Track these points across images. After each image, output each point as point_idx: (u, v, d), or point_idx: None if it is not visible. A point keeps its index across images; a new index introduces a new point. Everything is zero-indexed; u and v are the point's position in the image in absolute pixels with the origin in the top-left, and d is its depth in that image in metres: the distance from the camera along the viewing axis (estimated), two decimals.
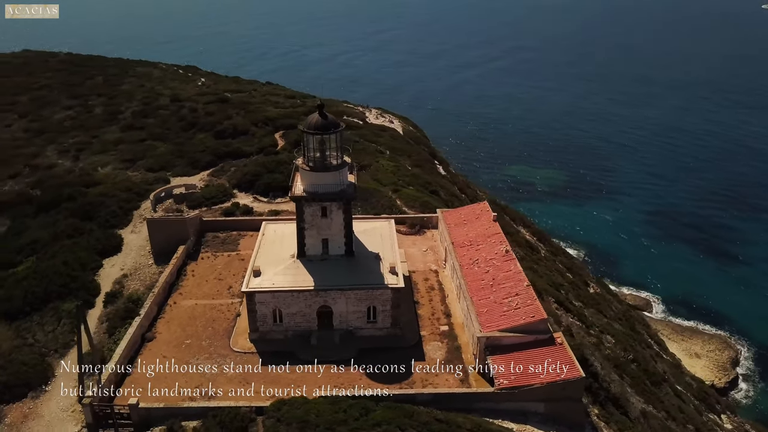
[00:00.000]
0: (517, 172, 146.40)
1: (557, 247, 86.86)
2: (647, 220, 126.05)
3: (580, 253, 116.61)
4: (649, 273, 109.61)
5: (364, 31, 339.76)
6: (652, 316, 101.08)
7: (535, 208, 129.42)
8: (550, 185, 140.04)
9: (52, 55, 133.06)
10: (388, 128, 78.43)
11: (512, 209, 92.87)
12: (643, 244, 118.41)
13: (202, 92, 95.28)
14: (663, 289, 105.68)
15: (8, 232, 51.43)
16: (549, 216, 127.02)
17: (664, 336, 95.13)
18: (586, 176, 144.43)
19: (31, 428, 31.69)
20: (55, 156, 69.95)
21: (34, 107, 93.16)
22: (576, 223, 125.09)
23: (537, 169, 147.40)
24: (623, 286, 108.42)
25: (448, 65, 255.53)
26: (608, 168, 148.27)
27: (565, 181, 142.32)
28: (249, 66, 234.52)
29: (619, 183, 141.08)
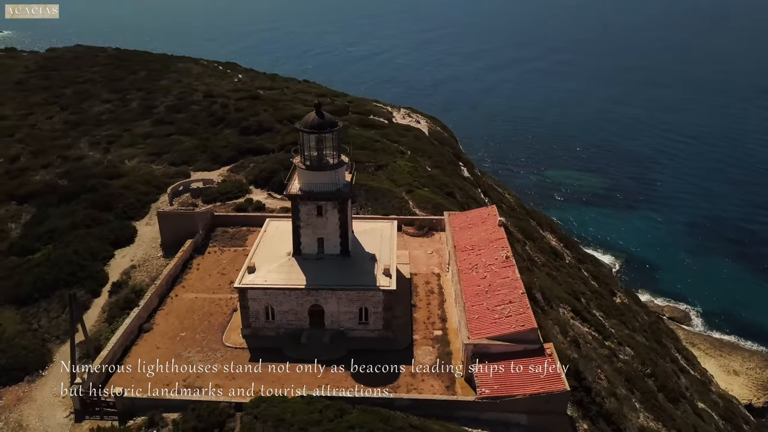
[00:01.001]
0: (554, 176, 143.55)
1: (585, 255, 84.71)
2: (689, 231, 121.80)
3: (617, 261, 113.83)
4: (688, 285, 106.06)
5: (408, 29, 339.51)
6: (690, 329, 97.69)
7: (570, 214, 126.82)
8: (587, 191, 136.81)
9: (102, 50, 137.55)
10: (414, 128, 77.94)
11: (540, 214, 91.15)
12: (683, 254, 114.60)
13: (236, 89, 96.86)
14: (703, 302, 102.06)
15: (32, 220, 53.40)
16: (585, 223, 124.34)
17: (701, 350, 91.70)
18: (625, 183, 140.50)
19: (22, 411, 32.76)
20: (87, 148, 72.27)
21: (77, 100, 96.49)
22: (613, 231, 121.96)
23: (574, 174, 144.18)
24: (660, 297, 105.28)
25: (486, 65, 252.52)
26: (649, 175, 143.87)
27: (604, 188, 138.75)
28: (291, 63, 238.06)
29: (660, 191, 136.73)
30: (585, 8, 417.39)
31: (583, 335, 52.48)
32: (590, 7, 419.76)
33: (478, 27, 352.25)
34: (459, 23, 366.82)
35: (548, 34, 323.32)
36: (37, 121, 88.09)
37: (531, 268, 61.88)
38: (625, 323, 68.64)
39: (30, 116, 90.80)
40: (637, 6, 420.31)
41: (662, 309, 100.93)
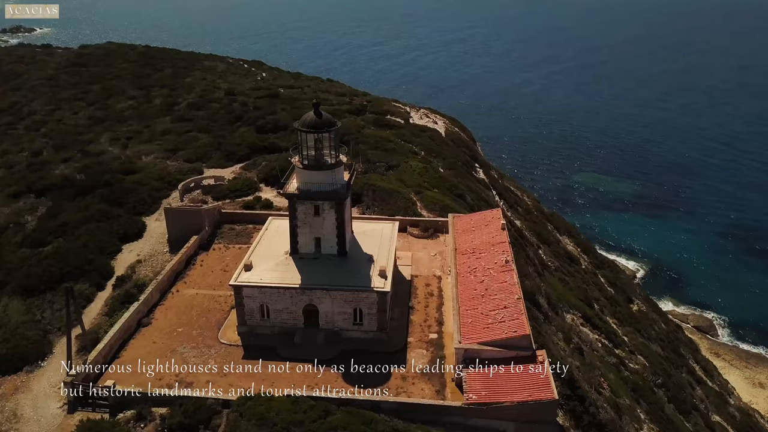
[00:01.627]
0: (580, 180, 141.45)
1: (603, 261, 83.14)
2: (718, 239, 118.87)
3: (642, 268, 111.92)
4: (716, 294, 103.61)
5: (440, 28, 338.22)
6: (715, 339, 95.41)
7: (595, 219, 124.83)
8: (614, 196, 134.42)
9: (132, 48, 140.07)
10: (430, 129, 77.49)
11: (559, 218, 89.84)
12: (711, 263, 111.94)
13: (257, 87, 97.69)
14: (730, 312, 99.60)
15: (46, 213, 54.62)
16: (610, 228, 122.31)
17: (725, 361, 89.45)
18: (653, 189, 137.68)
19: (18, 401, 33.47)
20: (107, 143, 73.70)
21: (103, 96, 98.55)
22: (640, 237, 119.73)
23: (601, 178, 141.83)
24: (685, 305, 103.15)
25: (514, 65, 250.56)
26: (679, 181, 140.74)
27: (631, 193, 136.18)
28: (318, 61, 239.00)
29: (689, 197, 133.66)
30: (615, 9, 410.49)
31: (590, 342, 51.56)
32: (620, 9, 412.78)
33: (508, 27, 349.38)
34: (488, 23, 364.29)
35: (578, 35, 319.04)
36: (64, 116, 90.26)
37: (542, 272, 61.05)
38: (640, 331, 67.26)
39: (57, 111, 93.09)
40: (669, 7, 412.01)
41: (687, 317, 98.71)
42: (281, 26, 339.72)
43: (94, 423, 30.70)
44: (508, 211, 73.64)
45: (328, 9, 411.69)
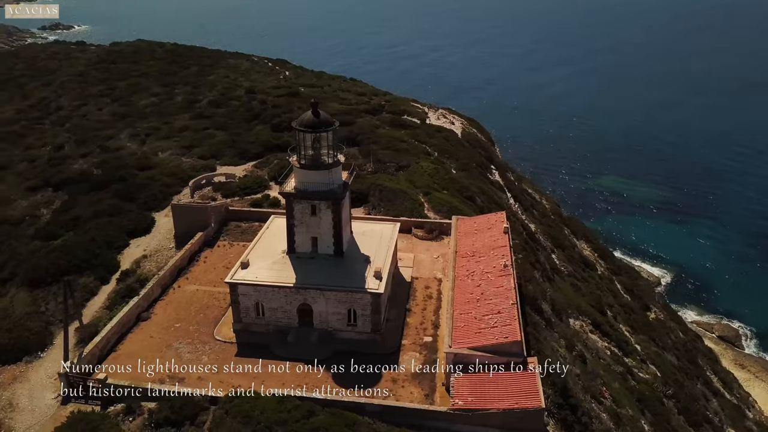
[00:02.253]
0: (605, 183, 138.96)
1: (621, 266, 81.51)
2: (746, 247, 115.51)
3: (666, 275, 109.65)
4: (743, 303, 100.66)
5: (464, 28, 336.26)
6: (741, 350, 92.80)
7: (619, 224, 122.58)
8: (639, 201, 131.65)
9: (160, 45, 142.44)
10: (445, 130, 76.96)
11: (578, 222, 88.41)
12: (739, 271, 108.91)
13: (278, 85, 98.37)
14: (758, 322, 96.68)
15: (60, 207, 55.84)
16: (634, 233, 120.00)
17: (750, 373, 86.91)
18: (680, 194, 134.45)
19: (15, 390, 34.22)
20: (126, 139, 75.02)
21: (128, 93, 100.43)
22: (665, 243, 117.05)
23: (626, 182, 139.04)
24: (710, 314, 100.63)
25: (538, 66, 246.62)
26: (706, 186, 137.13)
27: (657, 198, 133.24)
28: (343, 60, 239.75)
29: (717, 203, 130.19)
30: (640, 9, 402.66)
31: (596, 350, 50.57)
32: (646, 8, 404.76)
33: (531, 27, 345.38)
34: (512, 23, 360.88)
35: (601, 35, 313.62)
36: (89, 111, 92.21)
37: (552, 277, 60.15)
38: (655, 340, 65.83)
39: (83, 107, 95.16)
40: (695, 6, 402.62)
41: (712, 327, 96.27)
42: (308, 25, 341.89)
43: (84, 415, 31.19)
44: (522, 214, 72.77)
45: (353, 9, 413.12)
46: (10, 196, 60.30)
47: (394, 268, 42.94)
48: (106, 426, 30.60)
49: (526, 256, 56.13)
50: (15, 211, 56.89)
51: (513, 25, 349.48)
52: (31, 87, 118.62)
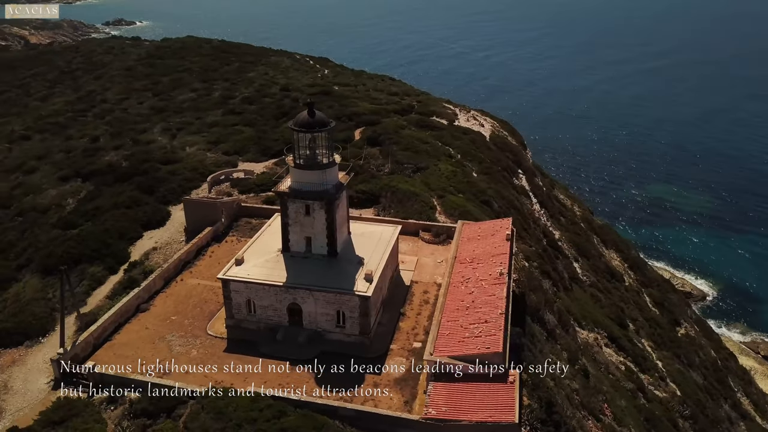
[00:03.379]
0: (652, 191, 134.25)
1: (652, 279, 78.42)
2: None
3: (713, 289, 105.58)
4: None
5: (509, 28, 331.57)
6: None
7: (663, 234, 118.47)
8: (687, 210, 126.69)
9: (207, 41, 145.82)
10: (472, 131, 75.80)
11: (611, 231, 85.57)
12: None
13: (313, 83, 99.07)
14: None
15: (84, 197, 57.81)
16: (681, 244, 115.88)
17: None
18: (731, 204, 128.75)
19: (12, 373, 35.59)
20: (158, 133, 77.03)
21: (169, 88, 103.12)
22: (715, 256, 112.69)
23: (675, 189, 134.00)
24: (756, 333, 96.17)
25: (585, 67, 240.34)
26: (759, 197, 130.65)
27: (706, 208, 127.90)
28: (386, 59, 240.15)
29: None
30: (695, 8, 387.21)
31: (606, 365, 48.81)
32: (702, 7, 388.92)
33: (577, 28, 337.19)
34: (557, 23, 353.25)
35: (650, 37, 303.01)
36: (130, 105, 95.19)
37: (569, 287, 58.49)
38: (680, 357, 63.25)
39: (126, 101, 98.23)
40: (746, 6, 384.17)
41: (758, 346, 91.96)
42: (355, 24, 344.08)
43: (69, 401, 32.13)
44: (547, 220, 71.05)
45: (400, 7, 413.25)
46: (42, 185, 62.85)
47: (392, 271, 42.59)
48: (87, 413, 31.43)
49: (541, 265, 54.75)
50: (44, 199, 59.23)
51: (560, 26, 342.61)
52: (84, 80, 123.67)
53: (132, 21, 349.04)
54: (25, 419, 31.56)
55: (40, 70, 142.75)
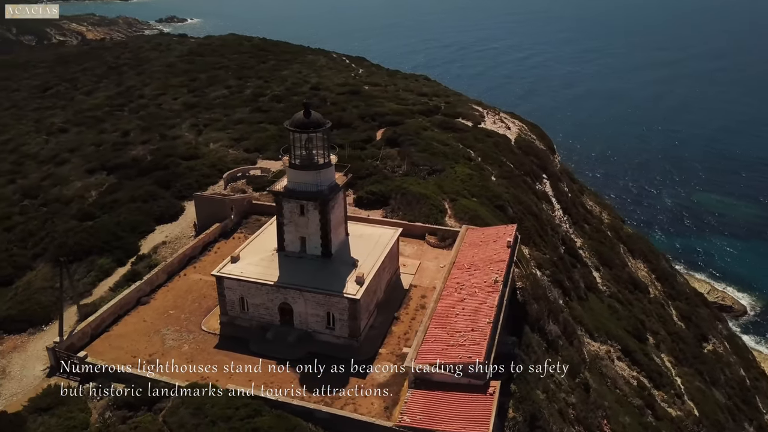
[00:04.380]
0: (696, 199, 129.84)
1: (683, 291, 75.51)
2: None
3: (757, 304, 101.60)
4: None
5: (551, 28, 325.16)
6: None
7: (705, 244, 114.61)
8: (734, 221, 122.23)
9: (248, 39, 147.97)
10: (497, 134, 74.51)
11: (641, 240, 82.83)
12: None
13: (343, 83, 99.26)
14: None
15: (106, 190, 59.40)
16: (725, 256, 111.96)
17: None
18: None
19: (12, 358, 36.79)
20: (186, 128, 78.54)
21: (204, 85, 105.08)
22: (762, 269, 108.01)
23: (721, 199, 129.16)
24: None
25: (626, 67, 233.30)
26: None
27: (756, 219, 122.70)
28: (423, 58, 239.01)
29: None
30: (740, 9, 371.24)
31: (614, 379, 47.24)
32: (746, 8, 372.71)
33: (622, 28, 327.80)
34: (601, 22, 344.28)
35: (699, 39, 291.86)
36: (165, 101, 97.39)
37: (584, 296, 56.92)
38: (703, 374, 60.79)
39: (161, 96, 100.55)
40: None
41: None
42: (397, 24, 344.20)
43: (57, 390, 32.97)
44: (570, 227, 69.30)
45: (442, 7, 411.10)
46: (69, 176, 64.93)
47: (391, 274, 42.22)
48: (74, 401, 32.18)
49: (554, 273, 53.43)
50: (69, 191, 61.17)
51: (603, 27, 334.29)
52: (127, 76, 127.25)
53: (183, 18, 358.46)
54: (16, 404, 32.58)
55: (89, 65, 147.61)
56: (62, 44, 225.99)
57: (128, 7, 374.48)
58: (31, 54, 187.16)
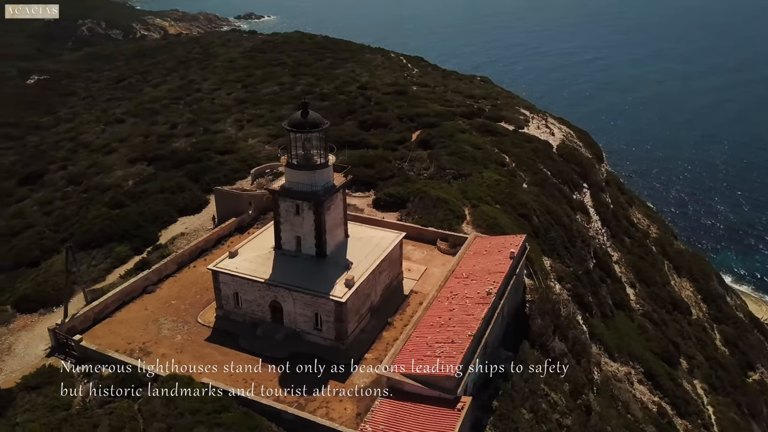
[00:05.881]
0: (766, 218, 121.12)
1: (732, 315, 70.63)
2: None
3: None
4: None
5: (622, 28, 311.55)
6: None
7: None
8: None
9: (310, 37, 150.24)
10: (538, 140, 72.09)
11: (693, 258, 78.08)
12: None
13: (394, 83, 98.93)
14: None
15: (141, 180, 61.65)
16: None
17: None
18: None
19: (19, 336, 38.74)
20: (230, 123, 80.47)
21: (259, 80, 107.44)
22: None
23: None
24: None
25: (707, 71, 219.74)
26: None
27: None
28: (489, 58, 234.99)
29: None
30: None
31: (628, 402, 44.74)
32: None
33: (701, 28, 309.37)
34: (676, 23, 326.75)
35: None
36: (218, 96, 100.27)
37: (609, 314, 54.30)
38: (741, 405, 56.76)
39: (217, 91, 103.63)
40: None
41: None
42: (468, 23, 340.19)
43: (51, 370, 34.42)
44: (607, 240, 66.29)
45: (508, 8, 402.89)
46: (113, 165, 67.86)
47: (390, 278, 41.60)
48: (62, 382, 33.45)
49: (575, 287, 51.21)
50: (110, 179, 63.93)
51: (677, 30, 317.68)
52: (193, 69, 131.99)
53: (261, 15, 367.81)
54: (10, 381, 34.23)
55: (162, 58, 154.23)
56: (143, 38, 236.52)
57: (211, 3, 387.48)
58: (114, 47, 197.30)
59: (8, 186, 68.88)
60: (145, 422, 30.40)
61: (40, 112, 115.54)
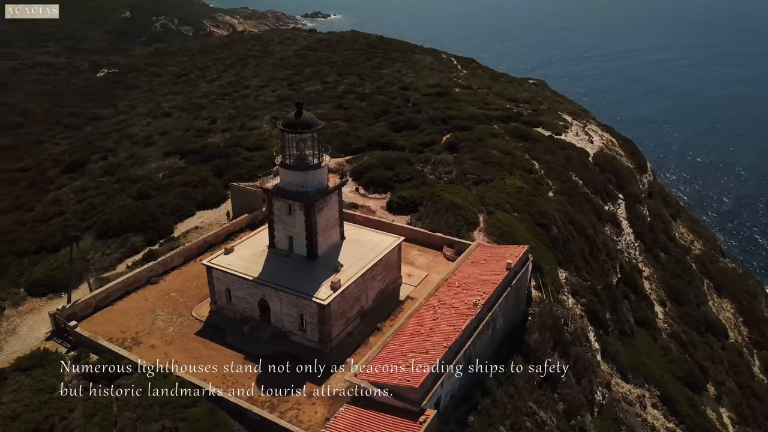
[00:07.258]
0: None
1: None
2: None
3: None
4: None
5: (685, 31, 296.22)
6: None
7: None
8: None
9: (365, 36, 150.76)
10: (574, 147, 69.48)
11: (739, 278, 73.53)
12: None
13: (436, 84, 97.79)
14: None
15: (170, 173, 63.34)
16: None
17: None
18: None
19: (26, 319, 40.47)
20: (266, 120, 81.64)
21: (305, 79, 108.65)
22: None
23: None
24: None
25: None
26: None
27: None
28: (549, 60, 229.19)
29: None
30: None
31: (633, 427, 42.48)
32: None
33: None
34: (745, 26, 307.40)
35: None
36: (263, 93, 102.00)
37: (629, 332, 51.83)
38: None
39: (263, 88, 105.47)
40: None
41: None
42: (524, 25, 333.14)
43: (43, 352, 35.77)
44: (639, 254, 63.25)
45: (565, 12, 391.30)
46: (148, 158, 70.07)
47: (385, 283, 41.03)
48: (53, 367, 34.69)
49: (590, 302, 49.06)
50: (143, 171, 66.03)
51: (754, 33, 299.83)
52: (248, 66, 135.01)
53: (327, 14, 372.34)
54: (6, 362, 35.76)
55: (222, 55, 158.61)
56: (210, 35, 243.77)
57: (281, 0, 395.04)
58: (182, 43, 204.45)
59: (53, 174, 72.34)
60: (119, 411, 31.06)
61: (102, 104, 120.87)
